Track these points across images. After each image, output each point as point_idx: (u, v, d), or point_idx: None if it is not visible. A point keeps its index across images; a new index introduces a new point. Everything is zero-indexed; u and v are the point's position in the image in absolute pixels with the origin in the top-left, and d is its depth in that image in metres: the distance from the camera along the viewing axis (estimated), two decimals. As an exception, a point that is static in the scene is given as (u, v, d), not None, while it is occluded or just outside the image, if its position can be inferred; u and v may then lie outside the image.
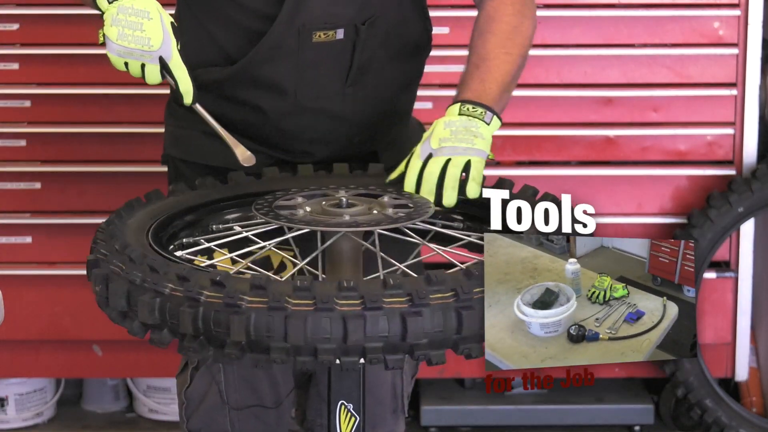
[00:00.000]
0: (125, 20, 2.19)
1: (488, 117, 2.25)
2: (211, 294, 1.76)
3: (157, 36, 2.20)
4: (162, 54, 2.21)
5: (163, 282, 1.81)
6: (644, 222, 3.98)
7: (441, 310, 1.73)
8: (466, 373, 4.08)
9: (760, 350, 4.17)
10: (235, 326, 1.73)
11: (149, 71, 2.22)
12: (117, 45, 2.19)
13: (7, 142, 3.94)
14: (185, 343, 1.82)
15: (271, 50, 2.36)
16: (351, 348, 1.72)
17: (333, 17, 2.35)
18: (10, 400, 4.14)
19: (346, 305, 1.71)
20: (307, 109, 2.41)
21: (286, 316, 1.71)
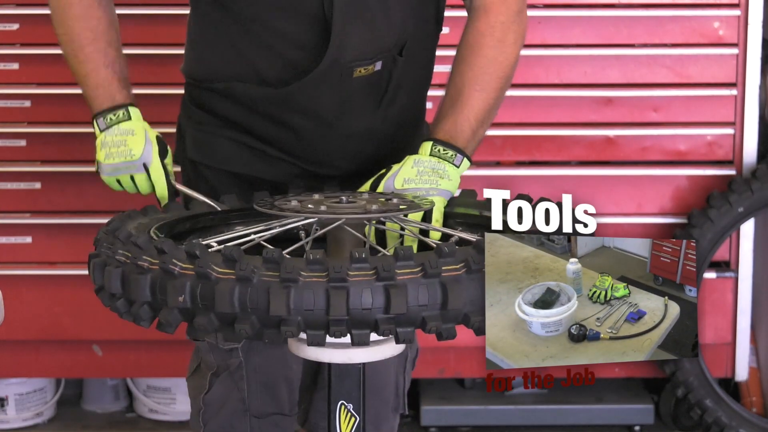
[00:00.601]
0: (111, 140, 2.37)
1: (458, 160, 2.28)
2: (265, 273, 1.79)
3: (138, 146, 2.36)
4: (144, 161, 2.35)
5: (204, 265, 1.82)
6: (644, 222, 3.98)
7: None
8: (466, 373, 4.08)
9: (760, 350, 4.17)
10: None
11: (139, 181, 2.37)
12: (106, 165, 2.37)
13: (7, 142, 3.94)
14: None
15: (315, 83, 2.36)
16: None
17: (373, 50, 2.35)
18: (10, 400, 4.14)
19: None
20: (340, 133, 2.42)
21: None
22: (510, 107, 3.91)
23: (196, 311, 1.81)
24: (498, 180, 3.89)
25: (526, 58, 3.87)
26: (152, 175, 2.36)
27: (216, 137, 2.47)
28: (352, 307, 1.74)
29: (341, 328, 1.76)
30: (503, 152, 3.96)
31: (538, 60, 3.92)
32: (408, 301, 1.74)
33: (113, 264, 1.91)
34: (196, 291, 1.80)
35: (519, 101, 3.91)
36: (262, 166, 2.44)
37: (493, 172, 3.95)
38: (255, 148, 2.44)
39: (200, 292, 1.79)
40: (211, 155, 2.49)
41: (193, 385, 2.56)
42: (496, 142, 3.94)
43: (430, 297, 1.75)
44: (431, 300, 1.75)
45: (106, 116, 2.39)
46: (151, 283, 1.84)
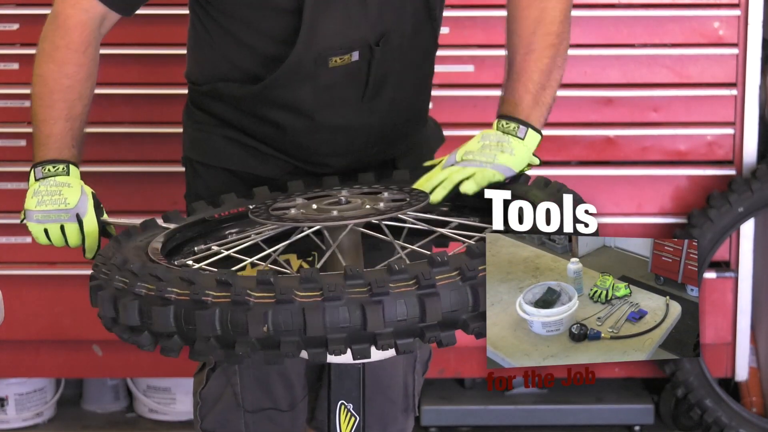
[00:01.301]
0: (45, 190, 2.30)
1: (521, 131, 2.26)
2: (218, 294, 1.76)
3: (74, 196, 2.29)
4: (78, 211, 2.29)
5: (170, 289, 1.80)
6: (644, 222, 3.98)
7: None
8: (466, 373, 4.08)
9: (760, 350, 4.17)
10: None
11: (69, 230, 2.30)
12: (36, 211, 2.30)
13: (7, 142, 3.94)
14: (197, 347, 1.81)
15: (289, 75, 2.36)
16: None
17: (348, 41, 2.35)
18: (10, 400, 4.14)
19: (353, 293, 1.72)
20: (325, 126, 2.42)
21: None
22: (510, 107, 3.91)
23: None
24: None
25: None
26: (86, 226, 2.30)
27: (211, 135, 2.48)
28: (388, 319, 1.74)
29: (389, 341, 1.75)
30: (503, 152, 3.95)
31: (538, 60, 3.92)
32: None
33: (155, 301, 1.85)
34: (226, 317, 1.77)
35: (519, 101, 3.91)
36: (256, 163, 2.44)
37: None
38: (248, 146, 2.45)
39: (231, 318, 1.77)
40: (207, 153, 2.50)
41: (195, 381, 2.58)
42: (496, 142, 3.93)
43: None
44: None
45: (45, 167, 2.33)
46: (220, 317, 1.79)
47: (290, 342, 1.73)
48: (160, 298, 1.80)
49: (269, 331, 1.73)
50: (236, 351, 1.76)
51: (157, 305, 1.80)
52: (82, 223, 2.29)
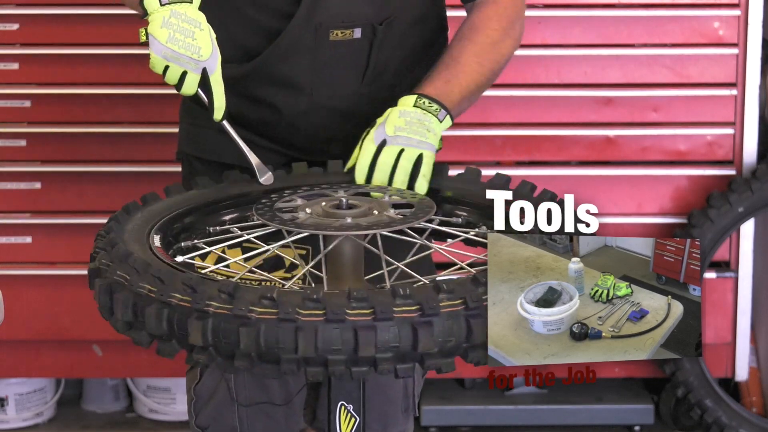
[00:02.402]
0: (177, 25, 2.17)
1: (441, 114, 2.26)
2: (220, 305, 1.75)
3: (207, 47, 2.18)
4: (207, 66, 2.19)
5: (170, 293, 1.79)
6: (644, 222, 3.98)
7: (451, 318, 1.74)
8: (466, 373, 4.08)
9: (760, 350, 4.17)
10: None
11: (189, 80, 2.19)
12: (165, 47, 2.16)
13: (7, 142, 3.94)
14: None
15: (288, 48, 2.36)
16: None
17: (350, 16, 2.34)
18: (10, 400, 4.14)
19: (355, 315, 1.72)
20: (322, 107, 2.41)
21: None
22: (510, 107, 3.91)
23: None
24: (498, 180, 3.89)
25: (526, 58, 3.89)
26: (214, 84, 2.20)
27: (206, 129, 2.47)
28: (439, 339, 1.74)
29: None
30: (503, 152, 3.96)
31: (538, 60, 3.93)
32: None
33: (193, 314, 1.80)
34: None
35: (519, 101, 3.91)
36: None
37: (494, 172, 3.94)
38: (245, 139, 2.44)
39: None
40: (202, 147, 2.50)
41: (189, 377, 2.58)
42: (496, 142, 3.94)
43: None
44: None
45: None
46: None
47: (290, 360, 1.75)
48: (196, 311, 1.79)
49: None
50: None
51: (192, 318, 1.79)
52: (208, 80, 2.20)
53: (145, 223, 2.10)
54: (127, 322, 1.88)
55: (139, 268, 1.86)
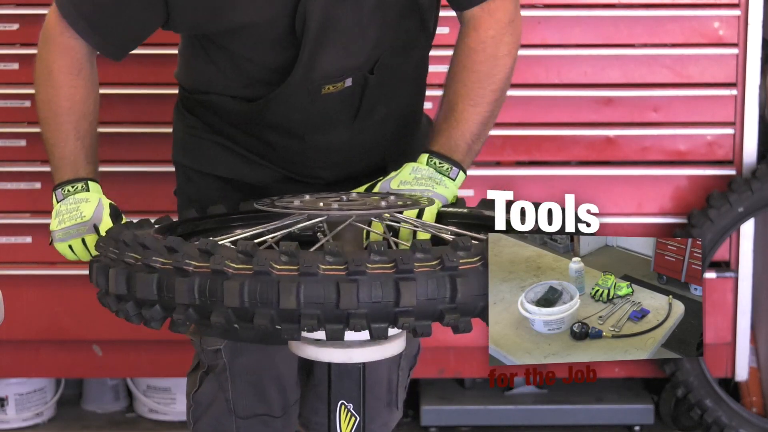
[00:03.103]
0: (65, 209, 2.32)
1: (453, 173, 2.30)
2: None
3: (89, 210, 2.30)
4: (95, 222, 2.30)
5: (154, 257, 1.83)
6: (644, 222, 3.98)
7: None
8: (466, 373, 4.08)
9: (760, 350, 4.17)
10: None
11: (89, 241, 2.30)
12: (57, 230, 2.32)
13: (7, 142, 3.94)
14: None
15: (281, 100, 2.35)
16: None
17: (343, 71, 2.34)
18: (10, 400, 4.14)
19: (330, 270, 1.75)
20: (315, 147, 2.42)
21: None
22: (510, 107, 3.89)
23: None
24: (498, 180, 3.90)
25: (526, 58, 3.88)
26: (102, 232, 2.30)
27: (203, 141, 2.48)
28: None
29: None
30: (503, 152, 3.96)
31: (538, 60, 3.93)
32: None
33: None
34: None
35: (519, 101, 3.91)
36: (247, 170, 2.44)
37: (493, 172, 3.95)
38: (240, 154, 2.45)
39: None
40: (198, 159, 2.51)
41: (189, 381, 2.58)
42: (496, 142, 3.94)
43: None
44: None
45: (65, 188, 2.35)
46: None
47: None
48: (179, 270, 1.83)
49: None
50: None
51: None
52: (100, 233, 2.29)
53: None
54: (119, 295, 1.92)
55: (128, 241, 1.91)
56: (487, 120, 2.37)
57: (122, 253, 1.91)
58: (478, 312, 1.79)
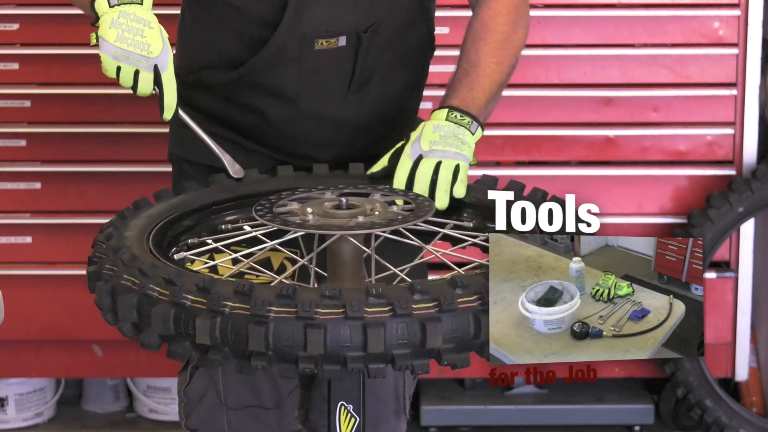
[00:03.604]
0: (126, 24, 2.17)
1: (474, 127, 2.28)
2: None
3: (158, 43, 2.18)
4: (159, 62, 2.18)
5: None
6: (644, 222, 3.99)
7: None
8: (466, 373, 4.08)
9: (760, 350, 4.17)
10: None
11: (143, 79, 2.19)
12: (114, 46, 2.17)
13: (7, 142, 3.94)
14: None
15: (273, 58, 2.36)
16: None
17: (335, 24, 2.34)
18: (10, 400, 4.14)
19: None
20: (309, 115, 2.41)
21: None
22: (510, 107, 3.91)
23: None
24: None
25: (526, 58, 3.86)
26: (165, 82, 2.19)
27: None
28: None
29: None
30: (503, 152, 3.96)
31: (538, 60, 3.93)
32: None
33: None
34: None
35: (519, 101, 3.91)
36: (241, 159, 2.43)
37: (493, 172, 3.93)
38: (233, 141, 2.45)
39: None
40: (191, 150, 2.49)
41: (180, 378, 2.57)
42: (496, 142, 3.94)
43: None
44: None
45: None
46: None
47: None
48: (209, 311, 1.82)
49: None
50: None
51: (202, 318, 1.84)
52: (160, 77, 2.19)
53: (144, 227, 2.10)
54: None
55: (127, 261, 1.90)
56: (503, 82, 2.37)
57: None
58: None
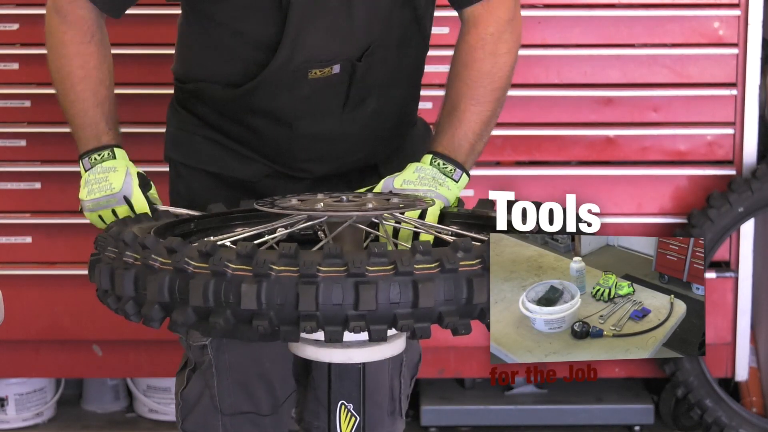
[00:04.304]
0: (94, 178, 2.34)
1: (457, 175, 2.30)
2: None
3: (119, 180, 2.33)
4: (125, 194, 2.32)
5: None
6: (644, 222, 3.99)
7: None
8: (466, 373, 4.08)
9: (760, 350, 4.17)
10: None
11: (120, 212, 2.33)
12: (87, 201, 2.34)
13: (7, 142, 3.94)
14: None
15: (268, 83, 2.36)
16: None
17: (329, 54, 2.34)
18: (10, 400, 4.14)
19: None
20: (304, 135, 2.41)
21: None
22: (510, 107, 3.88)
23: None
24: (498, 180, 3.90)
25: (526, 58, 3.88)
26: (134, 204, 2.33)
27: (193, 136, 2.50)
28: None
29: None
30: (503, 152, 3.96)
31: (538, 60, 3.93)
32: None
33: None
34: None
35: (519, 101, 3.91)
36: (236, 165, 2.45)
37: (493, 172, 3.95)
38: (229, 148, 2.46)
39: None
40: (188, 154, 2.51)
41: (177, 380, 2.58)
42: (496, 142, 3.94)
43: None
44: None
45: (91, 156, 2.38)
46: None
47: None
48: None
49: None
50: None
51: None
52: (131, 204, 2.32)
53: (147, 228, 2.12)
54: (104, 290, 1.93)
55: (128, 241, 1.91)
56: (489, 119, 2.37)
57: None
58: (476, 314, 1.79)
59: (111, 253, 1.93)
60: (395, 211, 2.04)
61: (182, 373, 2.56)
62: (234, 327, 1.78)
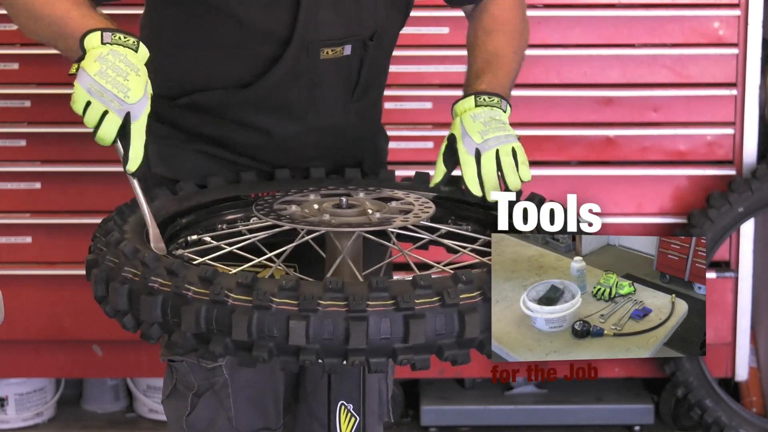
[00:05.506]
0: (113, 63, 1.99)
1: (504, 105, 2.29)
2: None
3: (138, 91, 1.98)
4: (132, 110, 1.98)
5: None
6: (644, 222, 3.99)
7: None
8: (466, 373, 4.08)
9: (760, 350, 4.17)
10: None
11: (108, 121, 1.98)
12: (92, 79, 1.97)
13: (7, 142, 3.94)
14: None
15: (284, 74, 2.30)
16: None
17: (341, 32, 2.31)
18: (10, 400, 4.14)
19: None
20: (314, 128, 2.37)
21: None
22: (510, 107, 3.91)
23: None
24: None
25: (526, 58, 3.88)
26: (133, 134, 1.99)
27: (182, 150, 2.39)
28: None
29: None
30: (503, 152, 3.96)
31: (538, 60, 3.93)
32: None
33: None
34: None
35: (519, 101, 3.90)
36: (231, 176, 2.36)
37: (493, 172, 3.95)
38: (224, 159, 2.38)
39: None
40: (178, 169, 2.39)
41: (171, 407, 2.49)
42: (496, 142, 3.94)
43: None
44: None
45: (115, 34, 2.01)
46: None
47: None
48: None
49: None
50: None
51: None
52: (129, 126, 1.99)
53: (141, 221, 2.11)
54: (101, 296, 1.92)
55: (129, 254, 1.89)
56: (517, 71, 2.44)
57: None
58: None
59: (130, 274, 1.87)
60: (404, 220, 2.02)
61: (174, 399, 2.48)
62: (276, 358, 1.75)
